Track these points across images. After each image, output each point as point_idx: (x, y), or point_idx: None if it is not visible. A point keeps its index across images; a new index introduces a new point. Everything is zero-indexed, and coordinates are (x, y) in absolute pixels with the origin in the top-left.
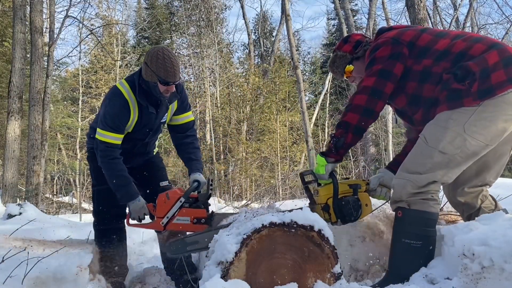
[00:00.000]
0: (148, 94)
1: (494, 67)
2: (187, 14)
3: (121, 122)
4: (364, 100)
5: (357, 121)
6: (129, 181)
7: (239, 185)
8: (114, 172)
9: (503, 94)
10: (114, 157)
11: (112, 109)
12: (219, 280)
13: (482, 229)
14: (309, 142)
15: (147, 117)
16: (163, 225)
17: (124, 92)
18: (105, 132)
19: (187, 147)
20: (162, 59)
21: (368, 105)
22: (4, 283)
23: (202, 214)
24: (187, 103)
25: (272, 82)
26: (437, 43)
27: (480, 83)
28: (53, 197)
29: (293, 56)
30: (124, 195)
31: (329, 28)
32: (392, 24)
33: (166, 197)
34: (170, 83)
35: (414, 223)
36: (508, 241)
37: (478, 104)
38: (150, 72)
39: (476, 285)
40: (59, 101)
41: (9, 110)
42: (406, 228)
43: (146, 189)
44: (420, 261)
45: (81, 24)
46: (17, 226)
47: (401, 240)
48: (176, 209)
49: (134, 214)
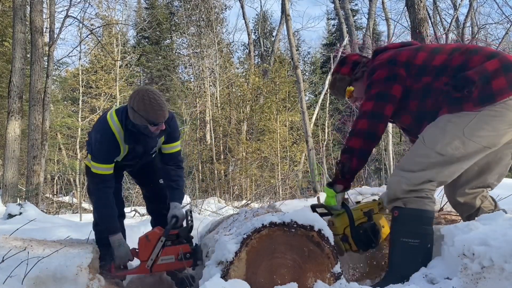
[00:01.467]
0: (137, 134)
1: (494, 73)
2: (187, 14)
3: (112, 156)
4: (365, 124)
5: (360, 146)
6: (115, 214)
7: (239, 185)
8: (103, 202)
9: (504, 101)
10: (106, 186)
11: (103, 146)
12: (219, 280)
13: (482, 229)
14: (309, 142)
15: (135, 153)
16: (149, 268)
17: (115, 131)
18: (97, 164)
19: (170, 174)
20: (149, 102)
21: (370, 128)
22: (4, 283)
23: (186, 249)
24: (177, 134)
25: (272, 82)
26: (433, 59)
27: (481, 89)
28: (53, 197)
29: (293, 56)
30: (107, 228)
31: (329, 28)
32: (387, 43)
33: (146, 239)
34: (160, 123)
35: (410, 222)
36: (508, 241)
37: (479, 110)
38: (138, 116)
39: (476, 285)
40: (59, 101)
41: (9, 110)
42: (403, 227)
43: (147, 188)
44: (418, 259)
45: (81, 24)
46: (17, 226)
47: (399, 239)
48: (158, 250)
49: (119, 261)
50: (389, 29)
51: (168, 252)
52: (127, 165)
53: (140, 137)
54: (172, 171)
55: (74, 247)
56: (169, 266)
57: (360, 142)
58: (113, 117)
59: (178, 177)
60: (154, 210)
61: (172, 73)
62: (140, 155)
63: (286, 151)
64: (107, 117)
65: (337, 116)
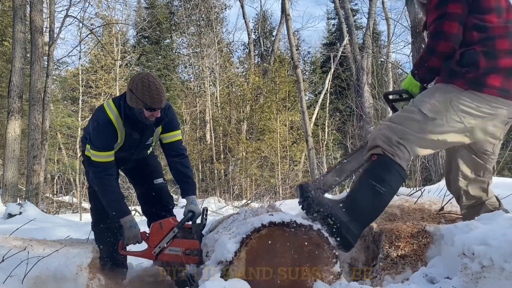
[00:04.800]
0: (133, 120)
1: (499, 70)
2: (187, 13)
3: (111, 143)
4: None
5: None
6: (122, 198)
7: (239, 185)
8: (107, 188)
9: (488, 95)
10: (108, 174)
11: (101, 134)
12: (219, 280)
13: (482, 228)
14: (309, 142)
15: (131, 141)
16: (155, 255)
17: (112, 117)
18: (97, 152)
19: (177, 168)
20: (148, 85)
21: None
22: (4, 282)
23: (195, 245)
24: (176, 122)
25: (272, 82)
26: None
27: (478, 75)
28: (53, 196)
29: (293, 56)
30: (116, 212)
31: (329, 28)
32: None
33: (159, 226)
34: (155, 109)
35: (386, 170)
36: (508, 241)
37: (466, 89)
38: (135, 98)
39: (476, 285)
40: (59, 100)
41: (9, 110)
42: (378, 172)
43: (141, 188)
44: (376, 207)
45: (81, 23)
46: (17, 225)
47: (368, 180)
48: (169, 239)
49: (127, 241)
50: (389, 28)
51: (177, 244)
52: (122, 159)
53: (137, 124)
54: (177, 164)
55: (74, 247)
56: (174, 258)
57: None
58: (110, 105)
59: (185, 168)
60: (149, 211)
61: (172, 72)
62: (136, 144)
63: (286, 151)
64: (104, 105)
65: (337, 116)
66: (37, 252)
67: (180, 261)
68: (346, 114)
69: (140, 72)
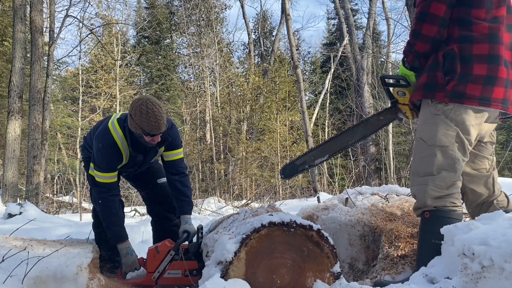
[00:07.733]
0: (136, 142)
1: (475, 78)
2: (187, 13)
3: (115, 164)
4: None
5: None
6: (122, 221)
7: (239, 185)
8: (109, 211)
9: (471, 107)
10: (112, 195)
11: (105, 155)
12: (219, 280)
13: (482, 228)
14: (309, 142)
15: (135, 161)
16: (155, 280)
17: (117, 139)
18: (101, 173)
19: (176, 186)
20: (146, 112)
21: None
22: (4, 282)
23: (194, 266)
24: (178, 141)
25: (272, 82)
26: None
27: (455, 84)
28: (53, 196)
29: (293, 56)
30: (114, 236)
31: (329, 28)
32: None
33: (155, 251)
34: (154, 135)
35: (442, 224)
36: (508, 241)
37: (447, 103)
38: (134, 124)
39: (476, 285)
40: (59, 100)
41: (9, 110)
42: (435, 229)
43: (146, 189)
44: None
45: (81, 23)
46: (17, 225)
47: (431, 241)
48: (166, 263)
49: (125, 269)
50: (389, 28)
51: (176, 266)
52: (125, 172)
53: (140, 146)
54: (177, 182)
55: (74, 246)
56: (175, 281)
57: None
58: (115, 125)
59: (184, 187)
60: (155, 211)
61: (172, 72)
62: (140, 164)
63: (286, 151)
64: (108, 125)
65: (337, 116)
66: (37, 252)
67: (180, 283)
68: (346, 114)
69: (140, 97)
